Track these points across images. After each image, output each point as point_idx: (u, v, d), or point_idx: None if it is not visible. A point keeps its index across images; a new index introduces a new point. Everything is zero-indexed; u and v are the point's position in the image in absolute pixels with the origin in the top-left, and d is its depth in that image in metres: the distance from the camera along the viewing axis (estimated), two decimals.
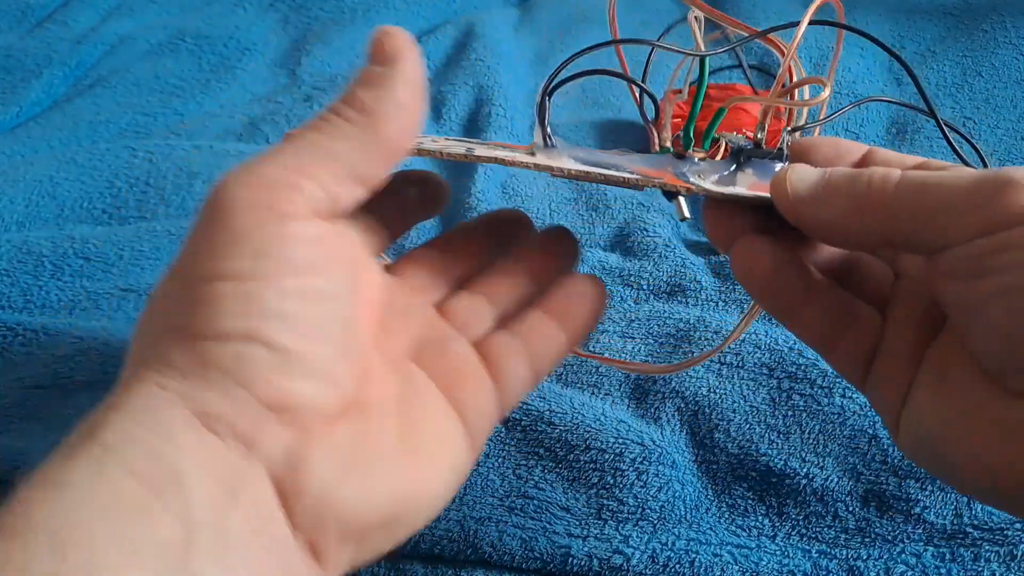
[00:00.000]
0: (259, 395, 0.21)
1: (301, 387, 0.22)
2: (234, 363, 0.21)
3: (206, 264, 0.21)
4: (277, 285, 0.21)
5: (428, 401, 0.26)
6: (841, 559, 0.32)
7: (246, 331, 0.21)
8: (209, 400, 0.20)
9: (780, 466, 0.35)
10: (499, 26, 0.78)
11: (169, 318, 0.22)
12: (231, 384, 0.21)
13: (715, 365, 0.40)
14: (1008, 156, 0.54)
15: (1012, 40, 0.65)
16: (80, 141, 0.64)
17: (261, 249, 0.21)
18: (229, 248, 0.21)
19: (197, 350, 0.21)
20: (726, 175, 0.30)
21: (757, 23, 0.76)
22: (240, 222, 0.21)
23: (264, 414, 0.21)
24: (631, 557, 0.32)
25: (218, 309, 0.21)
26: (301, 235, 0.22)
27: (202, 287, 0.21)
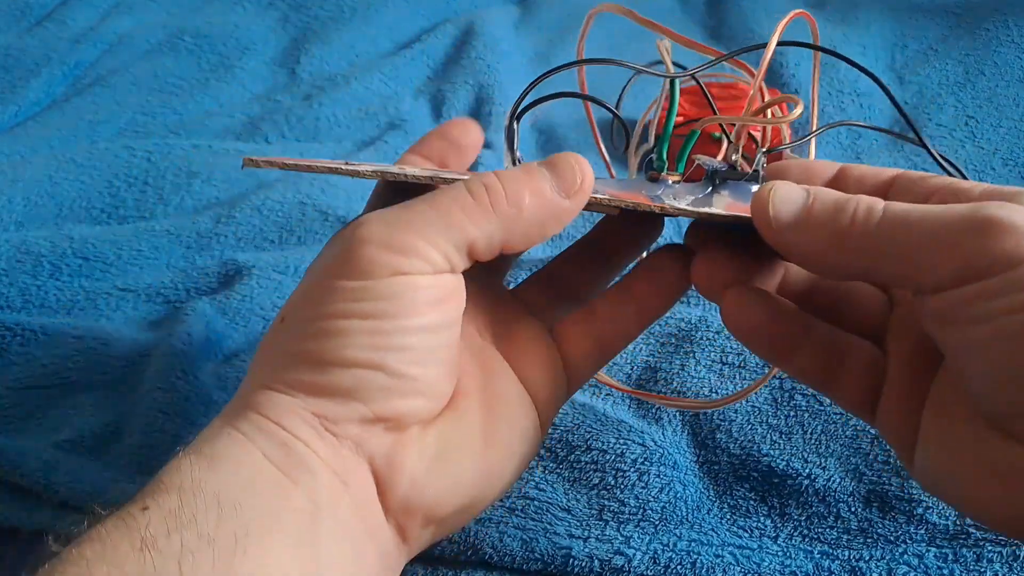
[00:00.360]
0: (374, 410, 0.24)
1: (411, 404, 0.25)
2: (356, 385, 0.24)
3: (338, 304, 0.24)
4: (399, 323, 0.24)
5: (505, 387, 0.28)
6: (843, 560, 0.32)
7: (370, 361, 0.24)
8: (329, 408, 0.24)
9: (782, 466, 0.35)
10: (499, 24, 0.78)
11: (299, 345, 0.25)
12: (351, 400, 0.24)
13: (716, 365, 0.40)
14: (1011, 154, 0.54)
15: (1014, 39, 0.65)
16: (79, 140, 0.64)
17: (386, 295, 0.24)
18: (359, 293, 0.24)
19: (325, 372, 0.24)
20: (701, 197, 0.29)
21: (758, 21, 0.76)
22: (370, 273, 0.24)
23: (374, 423, 0.24)
24: (632, 558, 0.32)
25: (347, 342, 0.24)
26: (421, 285, 0.24)
27: (333, 322, 0.24)
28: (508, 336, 0.29)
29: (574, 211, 0.26)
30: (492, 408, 0.27)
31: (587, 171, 0.26)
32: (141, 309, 0.47)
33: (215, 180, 0.57)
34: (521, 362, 0.29)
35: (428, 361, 0.25)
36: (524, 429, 0.28)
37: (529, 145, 0.62)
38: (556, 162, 0.26)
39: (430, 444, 0.25)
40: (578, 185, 0.26)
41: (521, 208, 0.25)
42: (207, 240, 0.51)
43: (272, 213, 0.53)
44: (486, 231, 0.25)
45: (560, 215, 0.26)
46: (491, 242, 0.25)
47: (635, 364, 0.41)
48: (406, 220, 0.25)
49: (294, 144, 0.63)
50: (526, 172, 0.26)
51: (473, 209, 0.25)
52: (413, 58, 0.73)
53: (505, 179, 0.26)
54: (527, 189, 0.26)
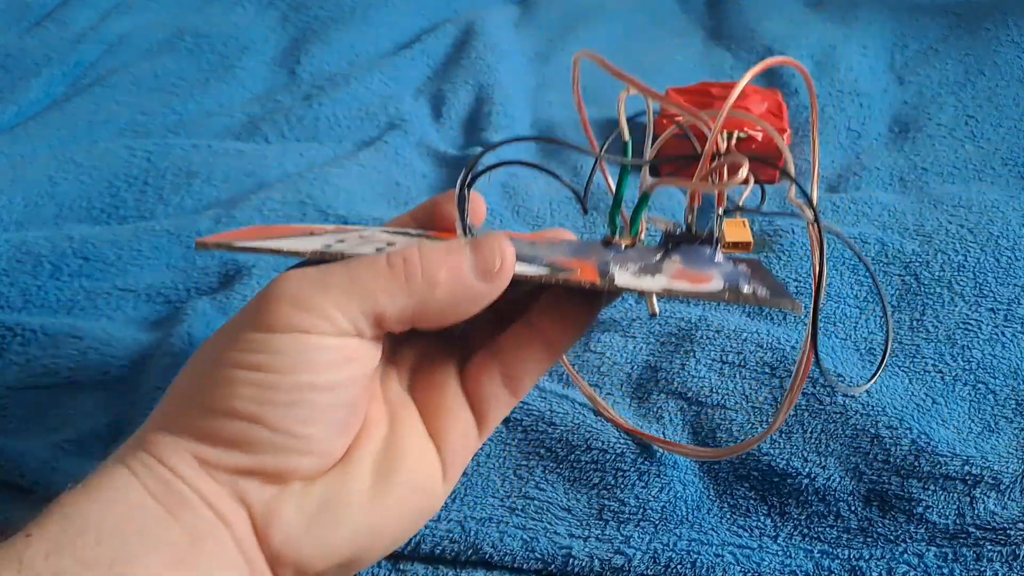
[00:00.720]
0: (253, 462, 0.24)
1: (293, 461, 0.25)
2: (238, 436, 0.24)
3: (236, 353, 0.24)
4: (291, 380, 0.24)
5: (409, 440, 0.28)
6: (843, 559, 0.32)
7: (254, 414, 0.24)
8: (210, 454, 0.24)
9: (782, 466, 0.35)
10: (499, 24, 0.78)
11: (193, 389, 0.25)
12: (231, 449, 0.24)
13: (717, 364, 0.40)
14: (1011, 154, 0.54)
15: (1014, 38, 0.65)
16: (79, 140, 0.64)
17: (283, 350, 0.24)
18: (258, 344, 0.24)
19: (209, 419, 0.24)
20: (653, 263, 0.28)
21: (758, 21, 0.76)
22: (273, 327, 0.24)
23: (251, 474, 0.25)
24: (632, 558, 0.32)
25: (235, 392, 0.24)
26: (321, 345, 0.24)
27: (227, 370, 0.24)
28: (426, 384, 0.29)
29: (491, 295, 0.26)
30: (389, 463, 0.27)
31: (508, 256, 0.26)
32: (141, 309, 0.47)
33: (215, 180, 0.57)
34: (432, 412, 0.29)
35: (317, 420, 0.25)
36: (422, 486, 0.27)
37: (529, 144, 0.62)
38: (480, 243, 0.26)
39: (312, 500, 0.25)
40: (496, 269, 0.26)
41: (435, 285, 0.25)
42: None
43: (272, 213, 0.53)
44: (397, 303, 0.25)
45: (475, 297, 0.26)
46: (402, 315, 0.25)
47: (635, 364, 0.41)
48: (321, 282, 0.25)
49: (294, 144, 0.63)
50: (448, 250, 0.26)
51: (387, 280, 0.25)
52: (413, 58, 0.73)
53: (425, 254, 0.26)
54: (444, 267, 0.25)
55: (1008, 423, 0.36)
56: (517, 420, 0.37)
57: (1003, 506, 0.33)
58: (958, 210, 0.47)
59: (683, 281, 0.26)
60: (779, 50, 0.69)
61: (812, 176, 0.36)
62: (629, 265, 0.28)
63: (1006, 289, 0.42)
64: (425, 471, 0.28)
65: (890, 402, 0.37)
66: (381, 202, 0.56)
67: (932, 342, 0.40)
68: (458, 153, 0.60)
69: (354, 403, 0.26)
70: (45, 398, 0.40)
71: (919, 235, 0.46)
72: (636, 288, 0.26)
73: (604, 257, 0.28)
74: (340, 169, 0.57)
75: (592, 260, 0.28)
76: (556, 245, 0.29)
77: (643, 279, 0.26)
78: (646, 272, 0.27)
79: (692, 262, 0.28)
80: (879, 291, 0.30)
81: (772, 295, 0.26)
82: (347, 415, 0.26)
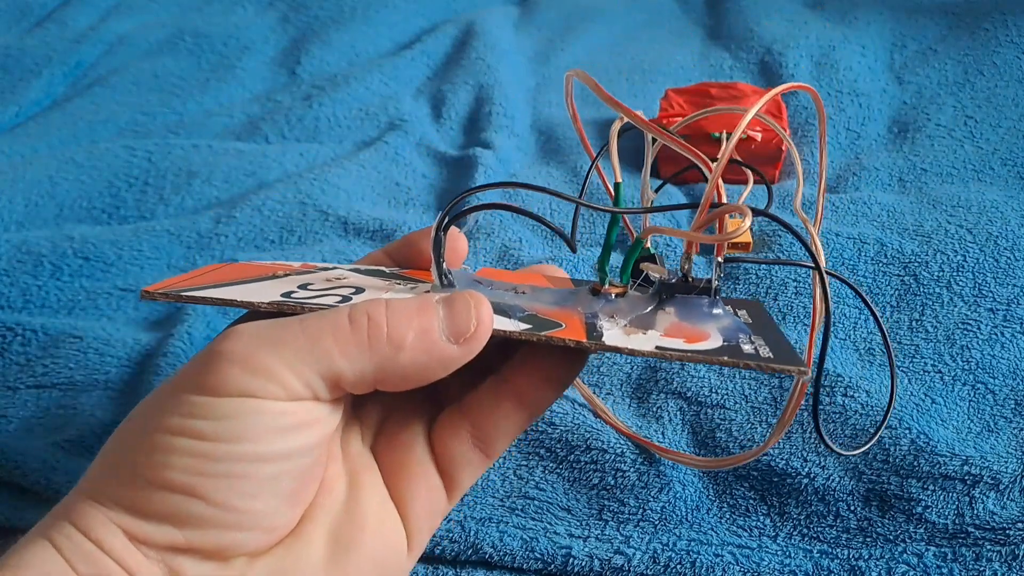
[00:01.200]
0: (188, 539, 0.22)
1: (237, 538, 0.22)
2: (171, 510, 0.22)
3: (174, 418, 0.22)
4: (233, 449, 0.22)
5: (369, 507, 0.25)
6: (843, 559, 0.32)
7: (189, 487, 0.21)
8: (141, 528, 0.22)
9: (781, 466, 0.35)
10: (499, 24, 0.78)
11: (124, 455, 0.22)
12: (164, 524, 0.22)
13: (716, 364, 0.40)
14: (1010, 154, 0.54)
15: (1013, 39, 0.65)
16: (79, 141, 0.64)
17: (227, 416, 0.22)
18: (199, 409, 0.22)
19: (140, 490, 0.22)
20: (645, 314, 0.26)
21: (757, 21, 0.76)
22: (217, 389, 0.22)
23: (187, 552, 0.22)
24: (632, 558, 0.32)
25: (170, 461, 0.21)
26: (270, 410, 0.22)
27: (163, 437, 0.22)
28: (391, 443, 0.26)
29: (462, 359, 0.23)
30: (347, 533, 0.24)
31: (484, 316, 0.24)
32: (142, 309, 0.47)
33: (215, 180, 0.57)
34: (396, 474, 0.26)
35: (263, 492, 0.22)
36: (384, 558, 0.25)
37: (529, 144, 0.62)
38: (454, 301, 0.24)
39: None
40: (470, 331, 0.23)
41: (401, 347, 0.23)
42: (207, 240, 0.51)
43: (272, 213, 0.53)
44: (356, 366, 0.22)
45: (445, 361, 0.23)
46: (362, 378, 0.23)
47: (635, 363, 0.41)
48: (273, 340, 0.22)
49: (294, 144, 0.63)
50: (419, 308, 0.23)
51: (346, 340, 0.22)
52: (413, 58, 0.73)
53: (392, 312, 0.23)
54: (413, 327, 0.23)
55: (1007, 423, 0.36)
56: None
57: (1002, 506, 0.33)
58: (957, 210, 0.47)
59: (677, 339, 0.24)
60: (778, 50, 0.69)
61: (816, 212, 0.33)
62: (618, 318, 0.26)
63: (1005, 289, 0.42)
64: (387, 542, 0.25)
65: None
66: (381, 202, 0.56)
67: (931, 342, 0.40)
68: (458, 153, 0.60)
69: (306, 472, 0.23)
70: (45, 398, 0.40)
71: (918, 235, 0.46)
72: (626, 348, 0.24)
73: (592, 307, 0.26)
74: (340, 169, 0.57)
75: (578, 312, 0.26)
76: (540, 291, 0.28)
77: (634, 337, 0.24)
78: (637, 326, 0.25)
79: (688, 314, 0.26)
80: (877, 322, 0.29)
81: (776, 357, 0.23)
82: (298, 486, 0.23)
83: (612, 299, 0.27)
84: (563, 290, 0.28)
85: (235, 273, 0.28)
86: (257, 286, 0.26)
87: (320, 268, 0.29)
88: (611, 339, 0.24)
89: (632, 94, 0.68)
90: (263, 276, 0.28)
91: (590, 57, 0.74)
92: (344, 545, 0.24)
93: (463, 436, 0.26)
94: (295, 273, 0.28)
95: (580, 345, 0.24)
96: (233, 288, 0.26)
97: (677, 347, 0.24)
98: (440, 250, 0.26)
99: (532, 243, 0.49)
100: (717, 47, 0.74)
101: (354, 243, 0.51)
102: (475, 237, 0.49)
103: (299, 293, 0.25)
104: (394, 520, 0.25)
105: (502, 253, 0.49)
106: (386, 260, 0.31)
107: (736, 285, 0.45)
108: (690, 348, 0.24)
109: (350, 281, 0.27)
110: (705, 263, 0.45)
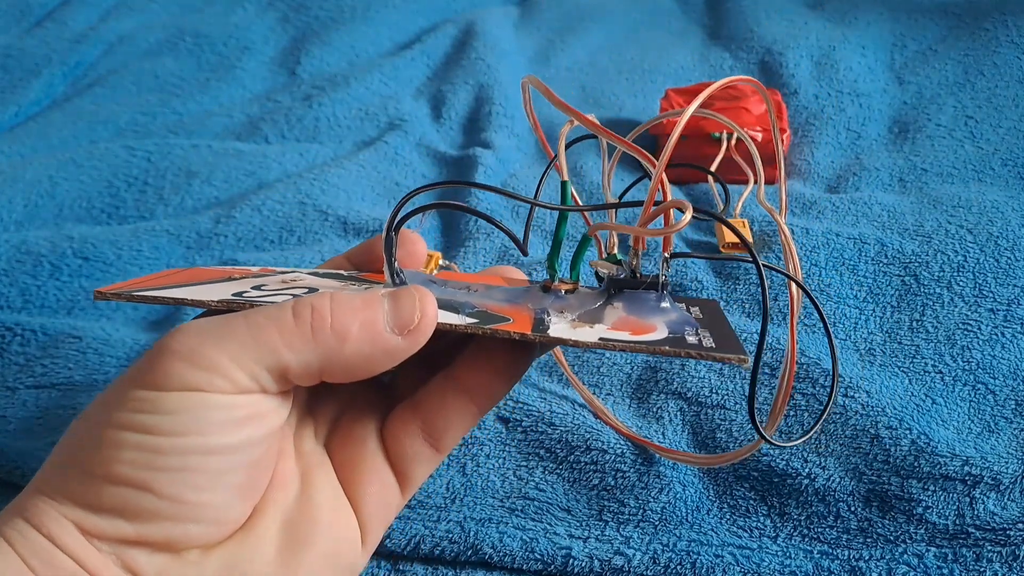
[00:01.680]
0: (140, 532, 0.22)
1: (185, 529, 0.23)
2: (121, 504, 0.22)
3: (122, 413, 0.22)
4: (181, 442, 0.22)
5: (325, 503, 0.25)
6: (843, 560, 0.32)
7: (139, 480, 0.22)
8: (92, 522, 0.22)
9: (782, 466, 0.35)
10: (499, 24, 0.78)
11: (75, 451, 0.23)
12: (115, 517, 0.22)
13: (716, 365, 0.40)
14: (1010, 155, 0.54)
15: (1014, 39, 0.65)
16: (79, 140, 0.64)
17: (174, 410, 0.22)
18: (146, 404, 0.22)
19: (91, 485, 0.22)
20: (593, 309, 0.26)
21: (757, 21, 0.76)
22: (163, 384, 0.22)
23: (139, 544, 0.22)
24: (632, 558, 0.32)
25: (118, 456, 0.22)
26: (216, 403, 0.22)
27: (111, 432, 0.22)
28: (344, 439, 0.27)
29: (407, 350, 0.24)
30: (300, 528, 0.25)
31: (428, 309, 0.24)
32: (141, 309, 0.47)
33: (215, 180, 0.57)
34: (348, 470, 0.26)
35: (213, 485, 0.22)
36: (337, 553, 0.25)
37: (529, 145, 0.62)
38: (398, 295, 0.24)
39: (211, 570, 0.23)
40: (415, 323, 0.24)
41: (345, 338, 0.23)
42: (207, 240, 0.51)
43: (272, 213, 0.53)
44: (302, 357, 0.23)
45: (390, 352, 0.24)
46: (308, 369, 0.23)
47: (635, 364, 0.41)
48: (218, 334, 0.23)
49: (294, 144, 0.63)
50: (363, 300, 0.24)
51: (290, 332, 0.23)
52: (413, 58, 0.73)
53: (337, 304, 0.24)
54: (357, 319, 0.23)
55: (1008, 423, 0.36)
56: (517, 421, 0.37)
57: (1003, 506, 0.33)
58: (957, 210, 0.47)
59: (623, 331, 0.25)
60: (779, 51, 0.69)
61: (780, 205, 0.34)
62: (567, 313, 0.26)
63: (1006, 289, 0.42)
64: (340, 536, 0.25)
65: (890, 402, 0.37)
66: (381, 202, 0.56)
67: (932, 342, 0.40)
68: (458, 153, 0.60)
69: (256, 465, 0.24)
70: (44, 398, 0.40)
71: (919, 235, 0.46)
72: (570, 340, 0.24)
73: (542, 304, 0.27)
74: (340, 169, 0.57)
75: (528, 307, 0.27)
76: (493, 290, 0.28)
77: (580, 329, 0.25)
78: (585, 320, 0.26)
79: (636, 309, 0.26)
80: (815, 304, 0.29)
81: (718, 347, 0.24)
82: (247, 479, 0.23)
83: (562, 295, 0.28)
84: (515, 288, 0.29)
85: (192, 276, 0.29)
86: (211, 287, 0.27)
87: (278, 272, 0.30)
88: (556, 332, 0.24)
89: (632, 94, 0.68)
90: (219, 279, 0.28)
91: (590, 57, 0.74)
92: (297, 539, 0.24)
93: (414, 431, 0.27)
94: (252, 276, 0.29)
95: (524, 337, 0.24)
96: (185, 289, 0.26)
97: (621, 338, 0.24)
98: (392, 249, 0.26)
99: (532, 243, 0.49)
100: (717, 47, 0.74)
101: (354, 243, 0.51)
102: (475, 237, 0.49)
103: (251, 293, 0.26)
104: (347, 515, 0.26)
105: (502, 253, 0.49)
106: (346, 264, 0.31)
107: (736, 285, 0.45)
108: (634, 339, 0.24)
109: (304, 283, 0.27)
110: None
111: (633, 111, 0.65)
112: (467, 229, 0.50)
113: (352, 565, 0.26)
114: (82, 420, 0.23)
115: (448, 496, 0.35)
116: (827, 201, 0.51)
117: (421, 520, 0.34)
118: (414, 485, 0.27)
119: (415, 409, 0.27)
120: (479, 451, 0.36)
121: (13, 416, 0.40)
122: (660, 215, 0.25)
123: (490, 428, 0.37)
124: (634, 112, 0.65)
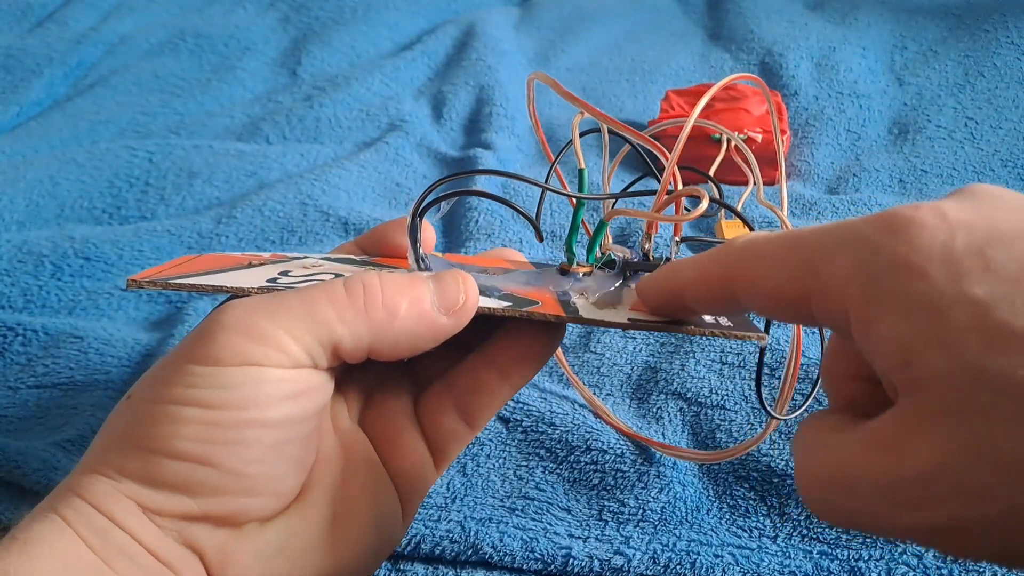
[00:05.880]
0: (202, 507, 0.23)
1: (246, 503, 0.23)
2: (184, 479, 0.22)
3: (179, 389, 0.22)
4: (240, 416, 0.22)
5: (365, 476, 0.26)
6: (843, 560, 0.32)
7: (201, 455, 0.22)
8: (153, 499, 0.22)
9: (781, 466, 0.35)
10: (500, 25, 0.78)
11: (132, 428, 0.23)
12: (177, 493, 0.22)
13: (716, 365, 0.40)
14: (1010, 156, 0.54)
15: (1014, 40, 0.65)
16: (80, 141, 0.64)
17: (232, 384, 0.22)
18: (204, 379, 0.22)
19: (151, 462, 0.22)
20: (611, 291, 0.28)
21: (757, 21, 0.76)
22: (219, 359, 0.22)
23: (201, 519, 0.23)
24: (632, 558, 0.32)
25: (179, 431, 0.22)
26: (272, 377, 0.23)
27: (170, 407, 0.22)
28: (378, 417, 0.28)
29: (451, 329, 0.25)
30: (347, 501, 0.25)
31: (471, 292, 0.25)
32: (142, 309, 0.47)
33: (216, 180, 0.57)
34: (386, 446, 0.27)
35: (270, 458, 0.23)
36: (381, 523, 0.26)
37: (529, 145, 0.62)
38: (443, 277, 0.25)
39: (270, 541, 0.24)
40: (459, 305, 0.25)
41: (395, 315, 0.24)
42: (208, 240, 0.51)
43: (273, 213, 0.53)
44: (354, 332, 0.23)
45: (436, 331, 0.25)
46: (359, 344, 0.24)
47: (635, 364, 0.41)
48: (271, 309, 0.23)
49: (295, 145, 0.63)
50: (410, 280, 0.25)
51: (344, 306, 0.23)
52: (414, 59, 0.73)
53: (386, 282, 0.24)
54: (406, 297, 0.24)
55: None
56: (517, 421, 0.37)
57: None
58: None
59: (642, 312, 0.26)
60: (779, 52, 0.69)
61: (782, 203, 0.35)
62: (587, 295, 0.27)
63: None
64: (384, 510, 0.26)
65: None
66: (381, 202, 0.56)
67: None
68: (458, 154, 0.60)
69: (307, 439, 0.24)
70: (45, 398, 0.40)
71: None
72: (602, 321, 0.25)
73: (562, 286, 0.28)
74: (341, 170, 0.57)
75: (550, 290, 0.27)
76: (511, 273, 0.29)
77: (605, 311, 0.26)
78: (606, 302, 0.27)
79: None
80: None
81: (736, 326, 0.25)
82: (300, 452, 0.24)
83: (580, 278, 0.29)
84: (532, 271, 0.30)
85: (213, 263, 0.29)
86: (238, 273, 0.27)
87: (292, 258, 0.30)
88: (586, 313, 0.25)
89: (632, 95, 0.68)
90: (239, 265, 0.28)
91: (590, 58, 0.74)
92: (344, 512, 0.25)
93: (450, 410, 0.28)
94: (269, 263, 0.29)
95: (560, 319, 0.25)
96: (218, 276, 0.27)
97: (648, 319, 0.25)
98: (416, 235, 0.27)
99: (532, 243, 0.50)
100: (717, 48, 0.74)
101: None
102: (475, 238, 0.49)
103: (283, 279, 0.26)
104: (388, 488, 0.27)
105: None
106: (356, 250, 0.32)
107: None
108: (660, 319, 0.25)
109: (326, 268, 0.28)
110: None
111: (633, 112, 0.65)
112: (468, 229, 0.50)
113: (393, 537, 0.27)
114: (132, 399, 0.23)
115: (448, 496, 0.35)
116: (827, 202, 0.51)
117: (421, 520, 0.34)
118: (448, 460, 0.29)
119: (450, 388, 0.28)
120: (479, 451, 0.36)
121: (14, 416, 0.40)
122: (672, 203, 0.27)
123: (490, 428, 0.37)
124: (634, 113, 0.65)
